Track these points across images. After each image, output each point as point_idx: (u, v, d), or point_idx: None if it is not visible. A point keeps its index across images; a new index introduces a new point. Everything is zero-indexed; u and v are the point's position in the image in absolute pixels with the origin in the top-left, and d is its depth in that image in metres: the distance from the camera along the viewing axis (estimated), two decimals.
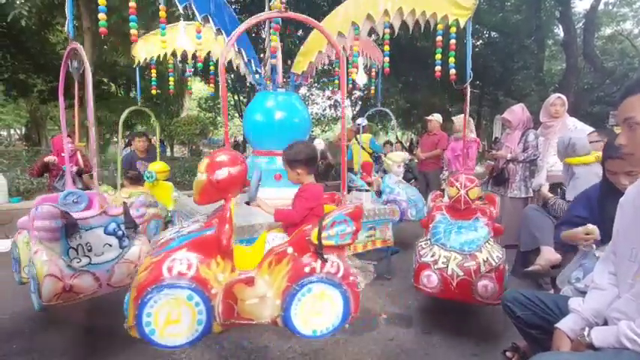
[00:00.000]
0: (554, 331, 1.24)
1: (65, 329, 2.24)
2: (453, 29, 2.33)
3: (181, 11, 2.33)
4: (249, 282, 1.53)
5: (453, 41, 2.46)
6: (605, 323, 1.17)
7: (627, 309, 1.08)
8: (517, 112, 4.01)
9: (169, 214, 3.25)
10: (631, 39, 14.72)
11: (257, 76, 3.01)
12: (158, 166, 3.64)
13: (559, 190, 2.56)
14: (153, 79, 4.17)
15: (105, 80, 11.53)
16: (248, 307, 1.52)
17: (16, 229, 2.25)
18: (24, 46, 11.06)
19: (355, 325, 2.27)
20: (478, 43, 13.98)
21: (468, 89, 2.46)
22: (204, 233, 1.52)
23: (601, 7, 12.90)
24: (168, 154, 15.08)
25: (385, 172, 4.47)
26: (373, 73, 4.19)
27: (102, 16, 1.99)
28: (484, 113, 15.97)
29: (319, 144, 2.95)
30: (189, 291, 1.42)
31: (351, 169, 5.89)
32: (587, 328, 1.15)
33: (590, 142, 2.61)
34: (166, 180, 3.67)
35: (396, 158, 3.98)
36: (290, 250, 1.54)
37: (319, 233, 1.51)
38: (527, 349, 1.70)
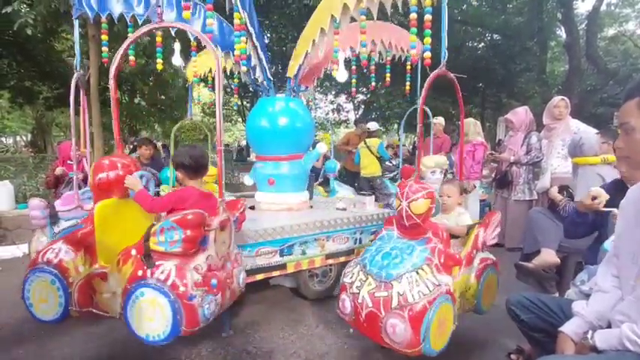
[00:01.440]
0: (558, 335, 1.24)
1: (73, 334, 2.26)
2: (428, 2, 2.09)
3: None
4: (103, 277, 1.73)
5: (428, 17, 2.05)
6: (609, 326, 1.16)
7: (630, 311, 1.08)
8: (520, 114, 4.02)
9: None
10: (634, 40, 14.66)
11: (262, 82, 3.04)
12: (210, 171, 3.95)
13: (565, 192, 2.56)
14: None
15: (110, 86, 11.64)
16: (104, 300, 1.74)
17: (22, 235, 2.33)
18: (30, 53, 11.22)
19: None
20: (480, 45, 14.02)
21: (450, 74, 2.19)
22: (76, 229, 1.85)
23: (603, 8, 12.87)
24: None
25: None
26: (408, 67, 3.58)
27: (105, 49, 2.06)
28: (487, 115, 15.96)
29: (322, 147, 2.94)
30: (52, 276, 1.72)
31: (357, 173, 5.90)
32: (590, 331, 1.14)
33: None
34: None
35: (429, 162, 3.29)
36: (133, 252, 1.63)
37: (147, 239, 1.59)
38: (531, 352, 1.69)
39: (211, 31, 2.25)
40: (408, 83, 3.47)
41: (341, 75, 2.89)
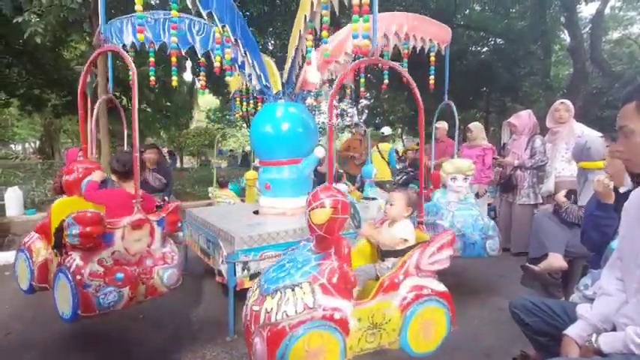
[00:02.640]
0: (563, 338, 1.23)
1: (81, 339, 2.28)
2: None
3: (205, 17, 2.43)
4: (51, 260, 2.14)
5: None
6: (614, 329, 1.16)
7: (634, 314, 1.07)
8: (524, 117, 4.01)
9: None
10: (639, 42, 14.59)
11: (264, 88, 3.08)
12: (249, 174, 4.27)
13: (572, 196, 2.54)
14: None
15: (117, 94, 11.81)
16: (51, 279, 2.09)
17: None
18: (39, 62, 11.45)
19: None
20: (484, 50, 14.03)
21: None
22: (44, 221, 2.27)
23: (607, 11, 12.85)
24: (178, 165, 15.29)
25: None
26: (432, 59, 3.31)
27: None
28: (492, 119, 15.91)
29: (319, 152, 2.94)
30: (25, 256, 2.24)
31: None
32: (594, 335, 1.14)
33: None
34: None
35: (448, 167, 2.98)
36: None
37: (57, 231, 1.96)
38: (536, 356, 1.68)
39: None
40: (432, 77, 3.15)
41: (313, 76, 2.83)
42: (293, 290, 1.44)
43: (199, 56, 3.25)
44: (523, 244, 3.79)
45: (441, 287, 1.73)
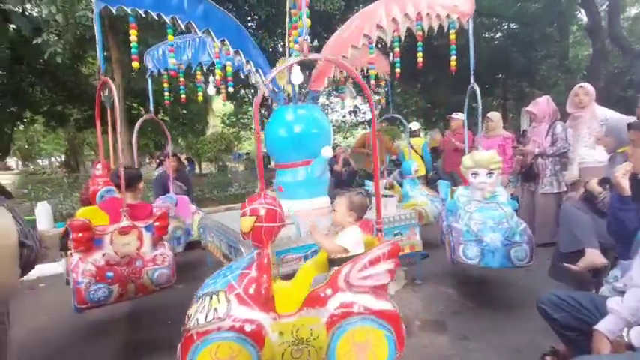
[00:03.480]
0: (593, 333, 1.20)
1: (111, 344, 2.38)
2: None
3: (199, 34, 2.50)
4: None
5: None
6: None
7: None
8: (542, 103, 3.89)
9: None
10: None
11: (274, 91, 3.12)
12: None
13: (607, 185, 2.42)
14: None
15: (135, 105, 12.16)
16: None
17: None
18: (60, 79, 11.92)
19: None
20: (497, 35, 13.65)
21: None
22: None
23: None
24: (197, 171, 15.60)
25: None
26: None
27: (135, 57, 2.34)
28: (509, 106, 15.48)
29: (326, 152, 2.89)
30: None
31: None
32: (626, 329, 1.11)
33: None
34: None
35: (467, 162, 2.69)
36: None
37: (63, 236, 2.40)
38: (566, 352, 1.64)
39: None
40: (453, 58, 2.80)
41: (295, 77, 2.83)
42: (211, 298, 1.45)
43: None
44: (548, 234, 3.70)
45: (381, 305, 1.52)
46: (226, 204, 5.61)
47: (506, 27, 13.36)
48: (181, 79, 3.51)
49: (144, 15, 2.28)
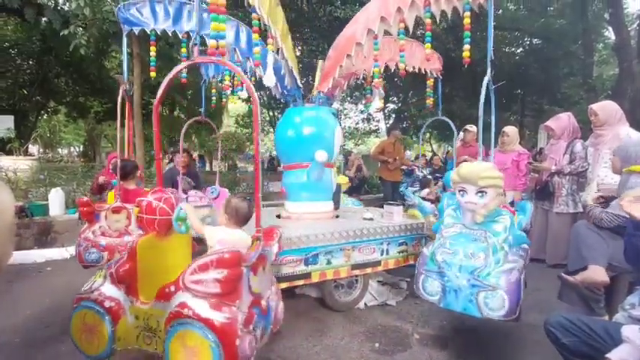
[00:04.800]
0: None
1: None
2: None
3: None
4: None
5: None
6: None
7: None
8: (563, 119, 3.78)
9: None
10: None
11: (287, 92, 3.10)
12: (339, 179, 4.18)
13: (607, 202, 2.34)
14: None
15: (152, 100, 12.39)
16: None
17: (71, 238, 2.66)
18: (84, 72, 12.28)
19: (387, 345, 2.21)
20: (518, 50, 13.45)
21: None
22: None
23: None
24: (208, 168, 15.76)
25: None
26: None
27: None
28: (527, 123, 15.18)
29: (320, 156, 2.80)
30: None
31: (395, 183, 5.76)
32: None
33: None
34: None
35: (454, 176, 2.16)
36: None
37: None
38: None
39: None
40: (467, 47, 2.32)
41: (268, 79, 2.73)
42: (100, 271, 1.82)
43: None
44: (560, 255, 3.56)
45: (212, 315, 1.44)
46: None
47: (528, 42, 13.15)
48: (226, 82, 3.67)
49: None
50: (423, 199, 3.57)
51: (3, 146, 6.19)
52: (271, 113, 12.39)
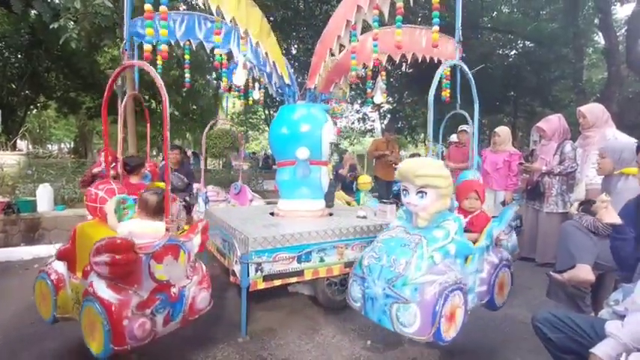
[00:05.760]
0: (589, 357, 1.14)
1: None
2: None
3: None
4: None
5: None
6: None
7: None
8: (553, 121, 3.84)
9: None
10: None
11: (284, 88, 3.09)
12: (361, 178, 4.19)
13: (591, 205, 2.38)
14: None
15: (146, 97, 12.27)
16: None
17: (59, 235, 2.53)
18: (75, 67, 12.09)
19: (378, 343, 2.22)
20: (512, 53, 13.60)
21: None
22: None
23: None
24: (202, 166, 15.65)
25: None
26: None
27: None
28: (519, 124, 15.37)
29: (301, 153, 2.82)
30: None
31: (389, 182, 5.74)
32: (624, 354, 1.05)
33: None
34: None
35: (397, 174, 2.00)
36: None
37: None
38: None
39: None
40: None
41: (239, 78, 2.78)
42: None
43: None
44: (550, 254, 3.62)
45: (105, 294, 1.58)
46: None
47: (521, 45, 13.31)
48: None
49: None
50: None
51: None
52: (267, 111, 12.35)
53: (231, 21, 2.30)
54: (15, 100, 13.14)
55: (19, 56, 12.44)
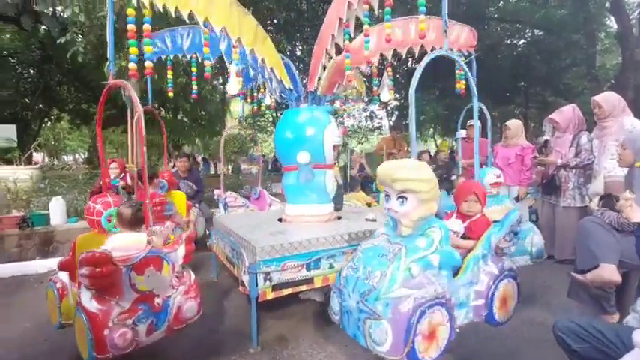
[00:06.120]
0: None
1: None
2: None
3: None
4: None
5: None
6: None
7: None
8: (567, 112, 3.70)
9: None
10: None
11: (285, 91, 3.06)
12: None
13: (614, 201, 2.26)
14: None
15: (155, 105, 12.42)
16: None
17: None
18: (85, 79, 12.31)
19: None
20: (520, 42, 13.29)
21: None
22: None
23: None
24: (212, 171, 15.77)
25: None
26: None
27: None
28: (531, 115, 15.02)
29: (301, 157, 2.78)
30: None
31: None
32: None
33: None
34: None
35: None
36: None
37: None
38: None
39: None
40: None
41: (232, 87, 2.86)
42: None
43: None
44: (569, 250, 3.49)
45: (89, 305, 1.71)
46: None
47: (530, 33, 12.99)
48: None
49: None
50: None
51: (4, 156, 6.20)
52: (275, 114, 12.35)
53: (221, 31, 2.30)
54: (29, 114, 13.47)
55: (32, 71, 12.76)
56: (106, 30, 5.72)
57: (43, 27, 8.40)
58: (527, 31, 12.95)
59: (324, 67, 2.84)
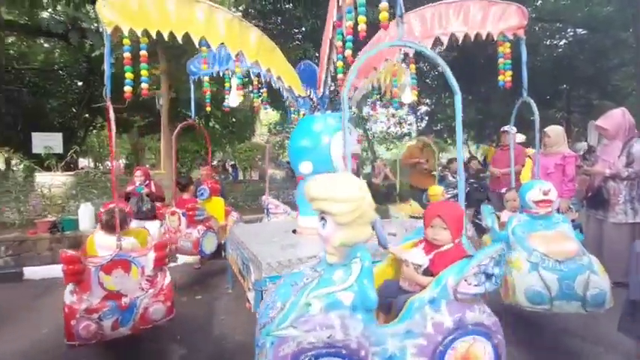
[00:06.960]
0: None
1: (137, 351, 2.32)
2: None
3: None
4: None
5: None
6: None
7: None
8: (616, 117, 3.30)
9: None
10: None
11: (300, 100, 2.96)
12: (432, 189, 3.98)
13: None
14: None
15: (189, 114, 12.91)
16: None
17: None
18: (123, 90, 13.03)
19: None
20: (561, 42, 12.49)
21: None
22: None
23: None
24: (240, 178, 16.06)
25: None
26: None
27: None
28: (574, 120, 14.01)
29: (303, 167, 2.67)
30: None
31: (424, 190, 5.29)
32: None
33: None
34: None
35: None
36: None
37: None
38: None
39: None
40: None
41: (232, 100, 2.99)
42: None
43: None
44: (619, 271, 3.07)
45: (65, 297, 2.02)
46: (255, 214, 5.55)
47: (572, 33, 12.18)
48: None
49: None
50: None
51: (42, 162, 6.62)
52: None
53: (221, 44, 2.34)
54: (76, 122, 14.43)
55: (79, 83, 13.71)
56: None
57: (89, 42, 8.97)
58: (568, 30, 12.15)
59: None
